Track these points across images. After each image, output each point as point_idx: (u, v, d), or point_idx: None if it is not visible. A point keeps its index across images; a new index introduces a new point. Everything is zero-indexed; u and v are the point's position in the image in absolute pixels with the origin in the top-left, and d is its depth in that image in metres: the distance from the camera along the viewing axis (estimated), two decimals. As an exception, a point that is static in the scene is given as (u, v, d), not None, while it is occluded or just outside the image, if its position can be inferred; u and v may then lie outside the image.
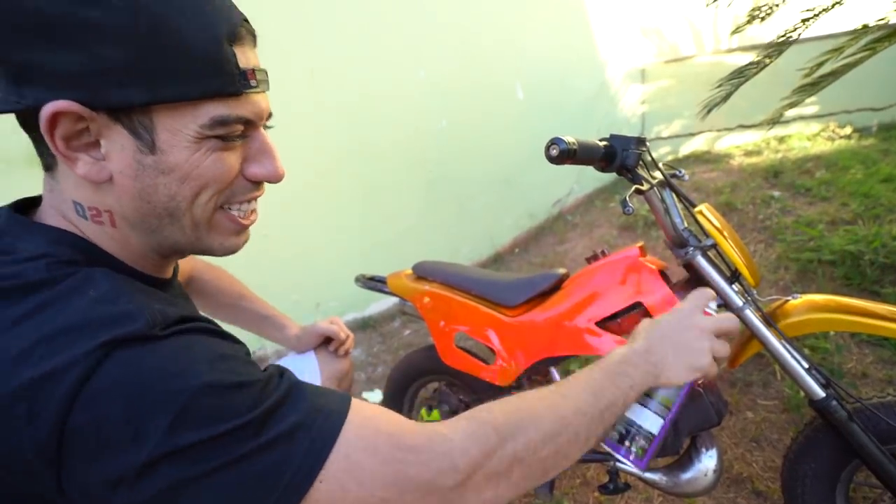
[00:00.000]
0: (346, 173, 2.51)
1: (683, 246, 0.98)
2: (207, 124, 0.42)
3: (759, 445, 1.37)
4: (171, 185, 0.43)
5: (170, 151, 0.42)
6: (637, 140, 0.84)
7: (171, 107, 0.41)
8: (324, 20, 2.37)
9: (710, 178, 3.43)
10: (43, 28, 0.37)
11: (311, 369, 0.94)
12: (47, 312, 0.36)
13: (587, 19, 3.87)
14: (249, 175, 0.48)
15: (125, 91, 0.39)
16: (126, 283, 0.42)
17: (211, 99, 0.42)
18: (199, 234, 0.47)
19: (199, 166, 0.43)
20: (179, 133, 0.42)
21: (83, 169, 0.41)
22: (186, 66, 0.40)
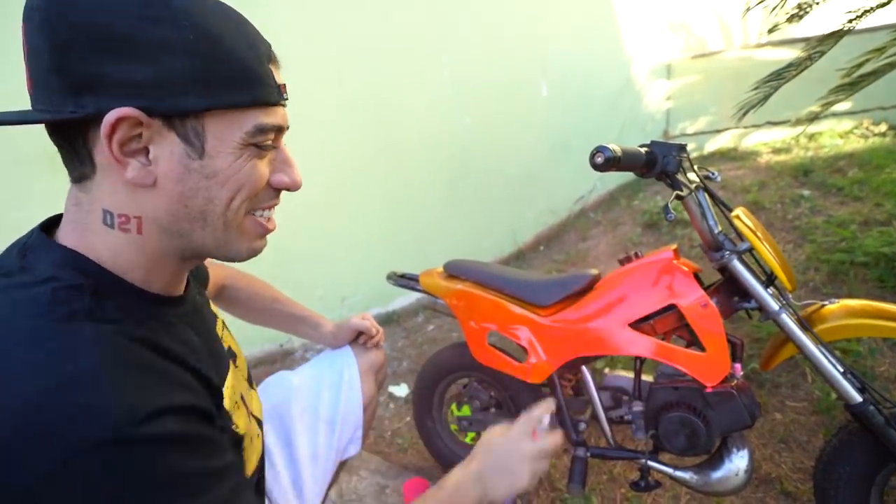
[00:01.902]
0: (370, 170, 2.56)
1: (719, 249, 0.99)
2: (251, 131, 0.46)
3: (788, 447, 1.37)
4: (212, 189, 0.46)
5: (216, 157, 0.46)
6: (678, 147, 0.86)
7: (222, 114, 0.45)
8: (350, 22, 2.40)
9: (737, 177, 3.37)
10: (113, 42, 0.40)
11: (348, 363, 0.98)
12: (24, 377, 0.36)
13: (613, 14, 3.82)
14: (274, 183, 0.51)
15: (186, 99, 0.43)
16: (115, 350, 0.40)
17: (256, 107, 0.46)
18: (230, 237, 0.50)
19: (239, 171, 0.47)
20: (226, 140, 0.46)
21: (132, 173, 0.43)
22: (239, 77, 0.45)
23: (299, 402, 0.90)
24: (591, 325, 1.09)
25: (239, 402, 0.60)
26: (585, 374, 1.16)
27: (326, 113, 2.35)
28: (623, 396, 1.21)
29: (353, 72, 2.42)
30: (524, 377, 1.17)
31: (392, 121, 2.60)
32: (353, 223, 2.55)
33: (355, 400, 0.94)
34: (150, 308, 0.48)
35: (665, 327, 1.06)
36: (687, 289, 1.01)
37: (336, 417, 0.92)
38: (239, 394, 0.61)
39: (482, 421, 1.33)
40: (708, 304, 0.98)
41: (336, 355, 1.00)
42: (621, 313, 1.06)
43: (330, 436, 0.90)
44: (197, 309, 0.60)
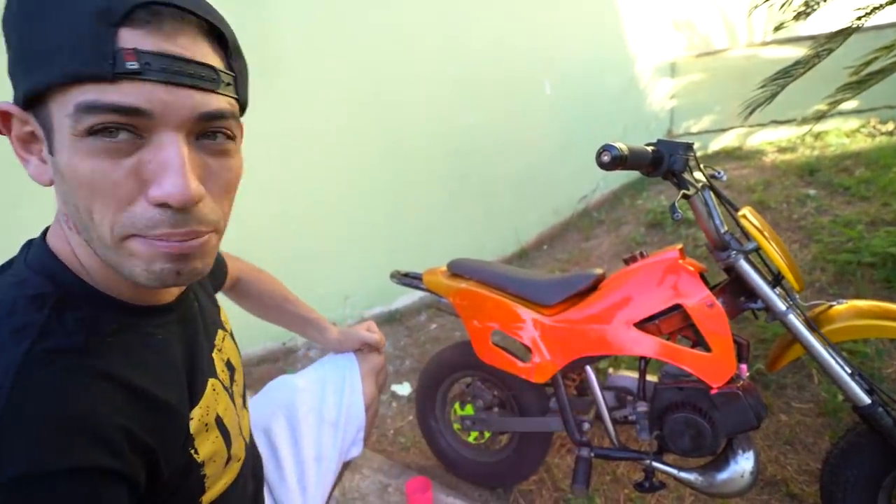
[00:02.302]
0: (373, 169, 2.55)
1: (725, 249, 0.98)
2: (73, 114, 0.36)
3: (794, 448, 1.36)
4: (70, 195, 0.39)
5: (60, 151, 0.38)
6: (685, 145, 0.85)
7: (54, 98, 0.37)
8: (354, 19, 2.40)
9: (742, 176, 3.36)
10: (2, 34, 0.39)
11: (350, 365, 0.99)
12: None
13: (617, 13, 3.80)
14: (150, 198, 0.38)
15: (22, 81, 0.38)
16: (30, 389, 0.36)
17: (82, 83, 0.36)
18: (118, 256, 0.40)
19: (78, 172, 0.37)
20: (62, 129, 0.37)
21: (31, 171, 0.41)
22: (54, 46, 0.36)
23: (305, 403, 0.90)
24: (595, 325, 1.08)
25: (211, 424, 0.55)
26: (589, 373, 1.16)
27: (330, 111, 2.35)
28: (627, 397, 1.20)
29: (356, 70, 2.42)
30: (528, 377, 1.16)
31: (395, 119, 2.59)
32: (356, 221, 2.54)
33: (358, 402, 0.95)
34: (120, 319, 0.44)
35: (670, 327, 1.05)
36: (693, 289, 1.00)
37: (340, 419, 0.92)
38: (214, 416, 0.56)
39: (485, 420, 1.33)
40: (714, 304, 0.97)
41: (338, 358, 1.01)
42: (626, 313, 1.05)
43: (334, 437, 0.91)
44: (191, 319, 0.55)
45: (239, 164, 0.46)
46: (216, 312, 0.67)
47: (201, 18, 0.40)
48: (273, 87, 2.13)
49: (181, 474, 0.50)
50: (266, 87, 2.16)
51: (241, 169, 0.46)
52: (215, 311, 0.67)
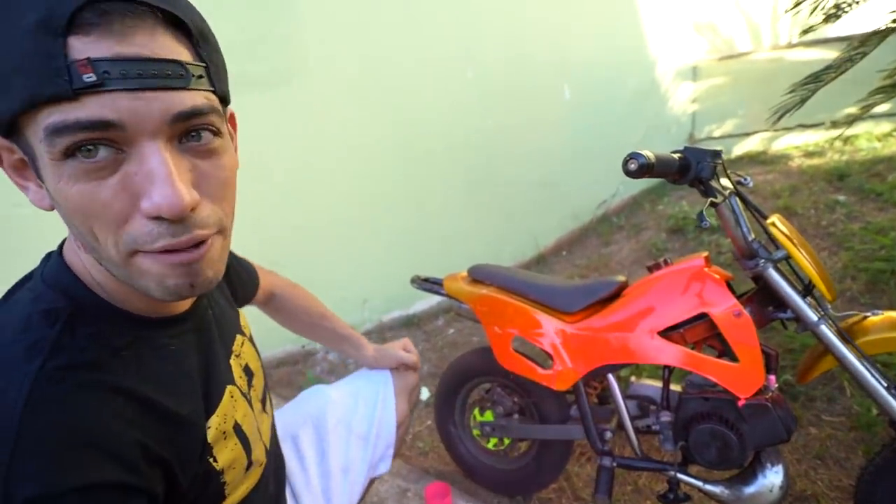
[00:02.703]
0: (393, 172, 2.57)
1: (753, 257, 0.96)
2: (43, 138, 0.34)
3: (825, 463, 1.32)
4: (68, 220, 0.38)
5: (46, 178, 0.37)
6: (712, 153, 0.84)
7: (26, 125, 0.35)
8: (374, 22, 2.43)
9: (767, 181, 3.28)
10: None
11: (385, 381, 0.99)
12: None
13: (638, 17, 3.77)
14: (143, 212, 0.37)
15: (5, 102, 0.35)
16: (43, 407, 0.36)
17: (43, 106, 0.33)
18: (130, 274, 0.40)
19: (67, 197, 0.36)
20: (43, 157, 0.35)
21: (30, 196, 0.40)
22: (8, 70, 0.33)
23: (335, 414, 0.90)
24: (618, 333, 1.07)
25: (230, 431, 0.55)
26: (612, 382, 1.14)
27: (350, 115, 2.38)
28: (650, 406, 1.18)
29: (376, 74, 2.45)
30: (549, 384, 1.15)
31: (415, 123, 2.61)
32: (375, 226, 2.57)
33: (389, 418, 0.95)
34: (133, 332, 0.44)
35: (695, 336, 1.03)
36: (719, 297, 0.98)
37: (370, 433, 0.92)
38: (233, 423, 0.56)
39: (505, 427, 1.32)
40: (742, 314, 0.95)
41: (373, 373, 1.01)
42: (650, 321, 1.04)
43: (363, 450, 0.90)
44: (206, 327, 0.55)
45: (231, 160, 0.43)
46: (235, 317, 0.67)
47: (155, 8, 0.36)
48: (293, 92, 2.17)
49: (201, 483, 0.50)
50: (287, 93, 2.20)
51: (236, 164, 0.44)
52: (234, 315, 0.67)
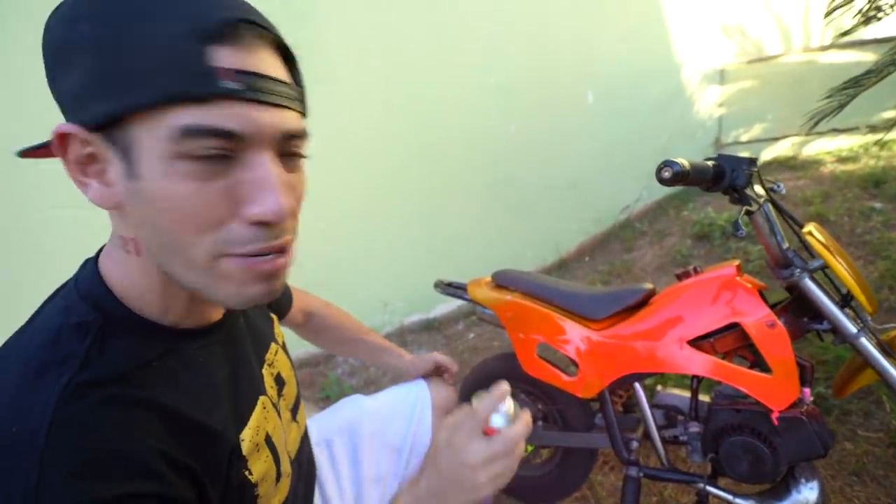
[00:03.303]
0: (415, 175, 2.60)
1: (787, 266, 0.94)
2: (173, 136, 0.35)
3: (861, 480, 1.27)
4: (157, 217, 0.38)
5: (148, 175, 0.37)
6: (748, 160, 0.83)
7: (144, 119, 0.35)
8: (399, 28, 2.46)
9: (797, 187, 3.19)
10: (53, 53, 0.37)
11: (422, 396, 0.96)
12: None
13: (663, 20, 3.72)
14: (245, 216, 0.38)
15: (97, 104, 0.36)
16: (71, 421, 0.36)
17: (180, 104, 0.35)
18: (208, 279, 0.40)
19: (173, 196, 0.36)
20: (153, 152, 0.36)
21: (92, 195, 0.39)
22: (145, 67, 0.34)
23: (370, 424, 0.90)
24: (646, 341, 1.06)
25: (262, 443, 0.54)
26: (638, 391, 1.13)
27: (372, 118, 2.41)
28: (677, 416, 1.16)
29: (398, 78, 2.48)
30: (574, 391, 1.14)
31: (437, 127, 2.63)
32: (396, 229, 2.59)
33: (425, 434, 0.93)
34: (163, 344, 0.44)
35: (726, 346, 1.02)
36: (752, 307, 0.96)
37: (404, 447, 0.91)
38: (264, 434, 0.55)
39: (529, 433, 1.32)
40: (776, 324, 0.93)
41: (411, 387, 0.98)
42: (679, 330, 1.03)
43: (396, 464, 0.90)
44: (237, 338, 0.54)
45: (305, 178, 0.46)
46: (269, 326, 0.67)
47: (271, 33, 0.39)
48: (318, 97, 2.21)
49: (236, 496, 0.49)
50: (311, 98, 2.24)
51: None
52: (268, 325, 0.66)
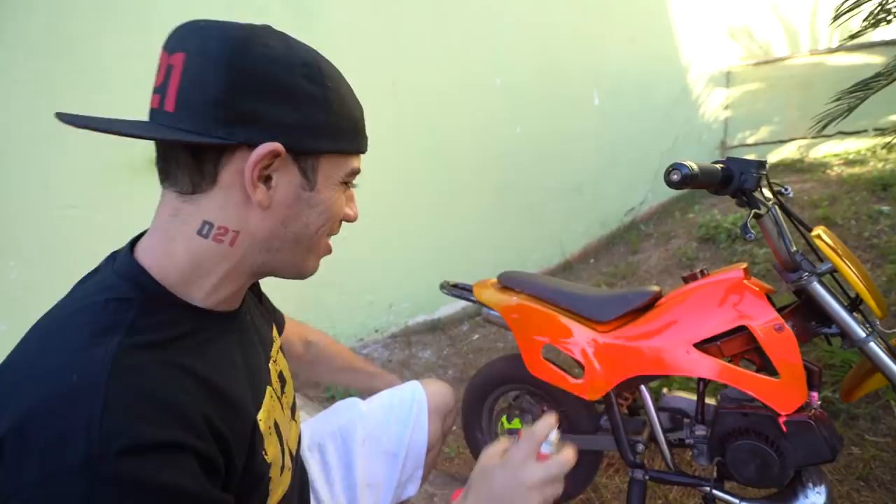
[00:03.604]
0: (421, 177, 2.60)
1: (795, 270, 0.94)
2: (350, 172, 0.55)
3: (869, 485, 1.26)
4: (311, 216, 0.53)
5: (322, 191, 0.53)
6: (757, 163, 0.82)
7: (333, 157, 0.53)
8: (405, 30, 2.47)
9: (804, 190, 3.18)
10: (274, 90, 0.47)
11: (419, 401, 0.96)
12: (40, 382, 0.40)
13: (670, 22, 3.72)
14: (344, 216, 0.59)
15: (317, 142, 0.50)
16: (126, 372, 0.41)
17: (355, 154, 0.56)
18: (307, 256, 0.56)
19: (333, 205, 0.54)
20: (331, 177, 0.53)
21: (259, 196, 0.48)
22: (352, 130, 0.54)
23: (364, 428, 0.90)
24: (652, 344, 1.06)
25: (272, 428, 0.58)
26: (644, 393, 1.13)
27: (379, 120, 2.40)
28: (683, 419, 1.16)
29: (406, 80, 2.48)
30: (580, 393, 1.14)
31: (443, 129, 2.64)
32: (402, 230, 2.60)
33: (420, 438, 0.93)
34: (196, 323, 0.50)
35: (733, 350, 1.01)
36: (759, 310, 0.96)
37: (399, 451, 0.91)
38: (273, 421, 0.59)
39: (533, 435, 1.32)
40: (783, 328, 0.93)
41: (407, 390, 0.98)
42: (686, 332, 1.02)
43: (390, 468, 0.90)
44: (247, 328, 0.60)
45: None
46: (269, 330, 0.71)
47: None
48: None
49: (255, 475, 0.52)
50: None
51: None
52: (268, 328, 0.71)
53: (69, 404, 0.38)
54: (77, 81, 1.90)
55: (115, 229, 2.21)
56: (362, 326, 2.55)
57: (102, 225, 1.98)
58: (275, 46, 0.48)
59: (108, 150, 1.96)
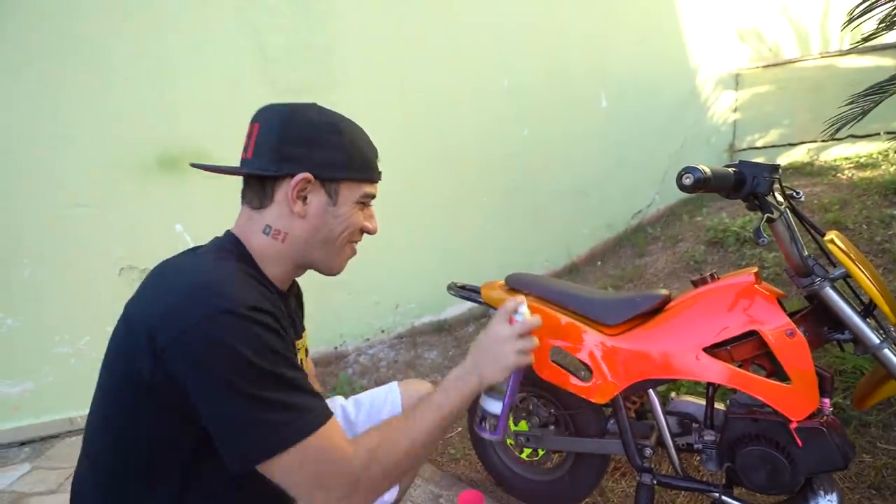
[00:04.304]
0: (428, 178, 2.60)
1: (808, 275, 0.93)
2: (363, 195, 0.76)
3: (881, 494, 1.25)
4: (335, 224, 0.74)
5: (342, 206, 0.74)
6: (770, 167, 0.82)
7: (351, 184, 0.74)
8: (413, 32, 2.47)
9: (814, 194, 3.14)
10: (311, 141, 0.72)
11: (391, 399, 0.99)
12: (198, 273, 0.66)
13: (678, 24, 3.70)
14: (363, 227, 0.78)
15: (337, 173, 0.73)
16: (243, 275, 0.67)
17: (368, 182, 0.76)
18: (335, 255, 0.77)
19: (351, 217, 0.75)
20: (349, 198, 0.75)
21: (298, 208, 0.71)
22: (364, 165, 0.75)
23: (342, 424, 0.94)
24: (662, 348, 1.05)
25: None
26: (652, 397, 1.12)
27: (387, 121, 2.43)
28: (692, 423, 1.15)
29: (413, 82, 2.49)
30: (587, 396, 1.14)
31: (450, 131, 2.64)
32: (409, 231, 2.60)
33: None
34: (269, 289, 0.72)
35: (743, 354, 1.01)
36: (771, 315, 0.95)
37: None
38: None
39: (540, 437, 1.31)
40: (795, 333, 0.92)
41: (383, 391, 1.01)
42: (696, 337, 1.02)
43: None
44: (286, 312, 0.77)
45: None
46: (301, 325, 0.87)
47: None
48: (335, 101, 2.23)
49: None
50: (329, 101, 2.26)
51: None
52: (300, 324, 0.87)
53: (217, 283, 0.62)
54: (86, 82, 1.92)
55: (124, 228, 2.22)
56: (368, 326, 2.55)
57: (112, 224, 2.00)
58: (310, 115, 0.73)
59: (117, 150, 1.98)
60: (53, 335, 1.97)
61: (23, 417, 1.96)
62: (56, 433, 1.97)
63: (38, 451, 1.88)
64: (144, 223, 2.02)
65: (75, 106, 1.90)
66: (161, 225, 2.03)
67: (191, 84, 2.04)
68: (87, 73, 1.91)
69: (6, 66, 1.83)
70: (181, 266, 0.70)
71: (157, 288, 0.66)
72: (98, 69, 1.92)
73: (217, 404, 0.58)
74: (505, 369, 0.74)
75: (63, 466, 1.74)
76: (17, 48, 1.83)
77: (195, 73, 2.04)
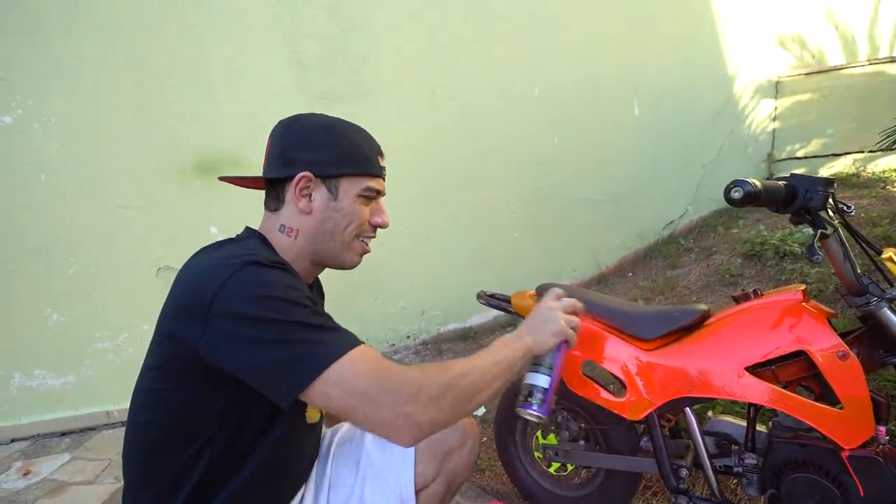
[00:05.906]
0: (457, 186, 2.61)
1: (862, 294, 0.88)
2: (363, 189, 0.80)
3: (938, 530, 1.16)
4: (338, 219, 0.80)
5: (343, 201, 0.80)
6: (824, 181, 0.78)
7: (350, 179, 0.79)
8: (445, 40, 2.49)
9: (861, 207, 2.99)
10: (307, 144, 0.78)
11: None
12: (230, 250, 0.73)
13: (715, 30, 3.60)
14: (372, 222, 0.83)
15: (333, 169, 0.78)
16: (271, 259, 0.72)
17: (367, 177, 0.80)
18: (343, 250, 0.82)
19: (353, 211, 0.80)
20: (350, 192, 0.80)
21: (302, 204, 0.78)
22: (360, 161, 0.80)
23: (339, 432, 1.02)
24: (701, 365, 1.01)
25: None
26: (689, 416, 1.08)
27: (419, 129, 2.44)
28: (731, 445, 1.10)
29: (445, 89, 2.50)
30: (621, 412, 1.11)
31: (481, 138, 2.64)
32: (436, 238, 2.60)
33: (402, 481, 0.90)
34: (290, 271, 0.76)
35: (789, 375, 0.96)
36: (821, 335, 0.90)
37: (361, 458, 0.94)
38: None
39: (569, 452, 1.28)
40: (848, 356, 0.87)
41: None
42: (738, 355, 0.97)
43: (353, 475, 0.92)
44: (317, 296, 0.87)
45: None
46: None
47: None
48: (368, 106, 2.26)
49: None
50: (362, 107, 2.30)
51: None
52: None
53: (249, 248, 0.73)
54: (133, 91, 2.00)
55: (163, 229, 2.30)
56: (394, 332, 2.56)
57: (153, 225, 2.08)
58: (308, 121, 0.80)
59: (160, 155, 2.06)
60: (94, 331, 2.06)
61: (64, 409, 2.05)
62: (94, 425, 2.05)
63: (77, 441, 1.96)
64: (182, 225, 2.09)
65: (124, 114, 2.00)
66: (197, 227, 2.10)
67: (228, 92, 2.11)
68: (133, 83, 2.00)
69: (63, 76, 1.93)
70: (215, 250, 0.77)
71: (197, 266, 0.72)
72: (144, 79, 2.01)
73: (257, 338, 0.62)
74: (554, 335, 0.82)
75: (100, 458, 1.80)
76: (73, 60, 1.93)
77: (233, 82, 2.11)
